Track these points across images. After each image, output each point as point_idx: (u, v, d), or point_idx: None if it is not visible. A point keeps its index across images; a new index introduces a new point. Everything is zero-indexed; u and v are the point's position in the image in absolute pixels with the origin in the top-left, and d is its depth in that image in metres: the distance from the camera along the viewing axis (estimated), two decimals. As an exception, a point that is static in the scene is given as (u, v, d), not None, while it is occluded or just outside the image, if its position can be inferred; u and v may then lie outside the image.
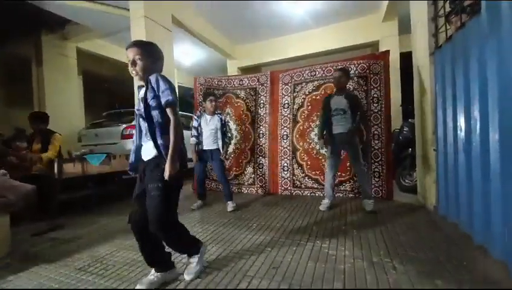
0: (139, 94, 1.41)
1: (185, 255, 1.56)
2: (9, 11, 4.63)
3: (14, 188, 2.02)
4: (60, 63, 5.67)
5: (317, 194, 3.39)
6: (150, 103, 1.32)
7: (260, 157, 3.80)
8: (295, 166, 3.60)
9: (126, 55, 1.37)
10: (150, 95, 1.32)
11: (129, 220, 1.38)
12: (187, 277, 1.46)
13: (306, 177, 3.53)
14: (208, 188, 4.13)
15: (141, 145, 1.43)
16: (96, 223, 2.61)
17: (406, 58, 3.60)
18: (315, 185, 3.47)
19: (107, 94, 8.35)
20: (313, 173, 3.49)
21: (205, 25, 5.41)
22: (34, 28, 5.34)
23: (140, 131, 1.42)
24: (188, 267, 1.51)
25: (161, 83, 1.32)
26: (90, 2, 4.43)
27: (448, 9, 2.22)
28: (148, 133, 1.35)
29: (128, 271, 1.61)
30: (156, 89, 1.32)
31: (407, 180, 3.43)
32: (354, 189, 3.23)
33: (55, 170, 2.82)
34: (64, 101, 5.68)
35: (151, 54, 1.39)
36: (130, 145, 4.02)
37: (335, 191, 3.11)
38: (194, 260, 1.52)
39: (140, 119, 1.40)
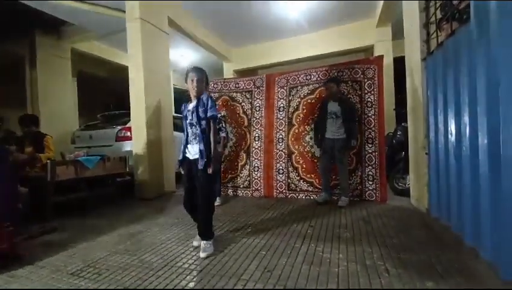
0: (186, 107, 1.91)
1: (200, 238, 1.95)
2: (3, 11, 4.58)
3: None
4: (54, 63, 5.61)
5: (312, 197, 3.40)
6: (200, 114, 1.81)
7: (255, 160, 3.81)
8: (290, 169, 3.62)
9: (188, 76, 1.88)
10: (201, 109, 1.81)
11: (184, 204, 1.97)
12: (202, 254, 1.81)
13: (301, 181, 3.55)
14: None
15: (187, 146, 1.90)
16: (90, 226, 2.58)
17: (400, 63, 3.66)
18: (310, 188, 3.49)
19: (101, 96, 8.29)
20: (308, 176, 3.51)
21: (201, 28, 5.43)
22: (28, 28, 5.28)
23: (187, 135, 1.89)
24: (203, 248, 1.84)
25: (210, 101, 1.84)
26: (85, 3, 4.41)
27: (439, 16, 2.28)
28: (194, 136, 1.84)
29: (122, 275, 1.59)
30: (205, 104, 1.82)
31: (400, 184, 3.47)
32: (348, 192, 3.24)
33: (49, 173, 2.79)
34: (58, 102, 5.61)
35: (206, 80, 1.93)
36: (125, 147, 4.03)
37: (331, 192, 3.19)
38: (208, 242, 1.87)
39: (189, 125, 1.87)
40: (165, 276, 1.56)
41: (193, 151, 1.88)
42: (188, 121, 1.88)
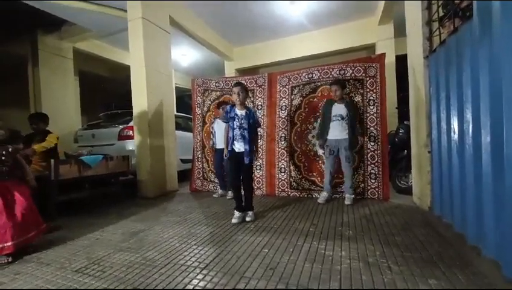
0: (234, 111, 2.52)
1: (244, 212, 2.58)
2: (5, 11, 4.60)
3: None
4: (56, 63, 5.64)
5: (314, 196, 3.41)
6: (251, 123, 2.53)
7: (257, 159, 3.81)
8: (292, 168, 3.62)
9: (232, 90, 2.55)
10: (251, 120, 2.53)
11: (231, 184, 2.70)
12: (248, 218, 2.52)
13: (303, 179, 3.55)
14: (205, 190, 4.14)
15: (234, 142, 2.51)
16: (93, 224, 2.60)
17: (402, 61, 3.65)
18: (312, 187, 3.49)
19: (104, 95, 8.32)
20: (310, 174, 3.52)
21: (203, 27, 5.42)
22: (31, 28, 5.30)
23: (233, 134, 2.50)
24: (247, 215, 2.55)
25: (256, 115, 2.68)
26: (87, 2, 4.42)
27: (441, 13, 2.27)
28: (242, 137, 2.48)
29: (125, 273, 1.61)
30: (253, 117, 2.57)
31: (402, 182, 3.46)
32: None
33: (52, 172, 2.81)
34: (61, 102, 5.64)
35: (246, 90, 2.57)
36: (128, 146, 4.05)
37: (333, 191, 3.20)
38: (250, 212, 2.58)
39: (237, 128, 2.49)
40: (168, 273, 1.58)
41: (239, 146, 2.50)
42: (237, 124, 2.49)
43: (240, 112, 2.52)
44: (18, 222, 1.90)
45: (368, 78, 3.29)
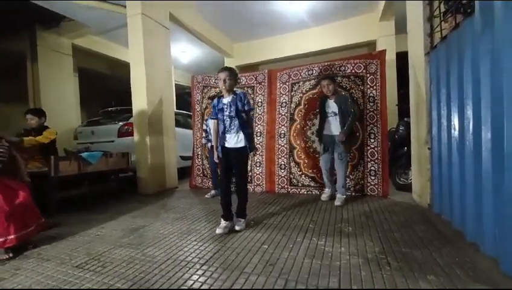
0: (221, 101, 2.18)
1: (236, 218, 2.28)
2: (4, 7, 4.56)
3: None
4: (55, 59, 5.61)
5: (313, 193, 3.41)
6: (240, 108, 2.11)
7: (257, 156, 3.81)
8: (292, 164, 3.62)
9: (218, 77, 2.16)
10: (239, 104, 2.12)
11: (220, 186, 2.39)
12: (237, 227, 2.19)
13: (303, 176, 3.55)
14: (205, 186, 4.15)
15: (225, 136, 2.15)
16: (93, 221, 2.61)
17: (403, 58, 3.63)
18: (312, 184, 3.49)
19: (103, 92, 8.29)
20: (310, 171, 3.52)
21: (203, 23, 5.39)
22: (29, 24, 5.27)
23: (224, 127, 2.15)
24: (237, 223, 2.22)
25: (246, 97, 2.17)
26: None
27: (443, 9, 2.26)
28: (233, 127, 2.12)
29: (126, 268, 1.61)
30: (243, 100, 2.13)
31: (402, 179, 3.47)
32: (350, 187, 3.25)
33: (52, 168, 2.81)
34: (60, 98, 5.62)
35: (234, 77, 2.19)
36: (127, 143, 4.05)
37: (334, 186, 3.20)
38: (241, 220, 2.24)
39: (227, 118, 2.13)
40: (167, 269, 1.58)
41: (232, 141, 2.15)
42: (226, 114, 2.14)
43: (226, 99, 2.17)
44: (19, 216, 1.91)
45: (368, 75, 3.27)
